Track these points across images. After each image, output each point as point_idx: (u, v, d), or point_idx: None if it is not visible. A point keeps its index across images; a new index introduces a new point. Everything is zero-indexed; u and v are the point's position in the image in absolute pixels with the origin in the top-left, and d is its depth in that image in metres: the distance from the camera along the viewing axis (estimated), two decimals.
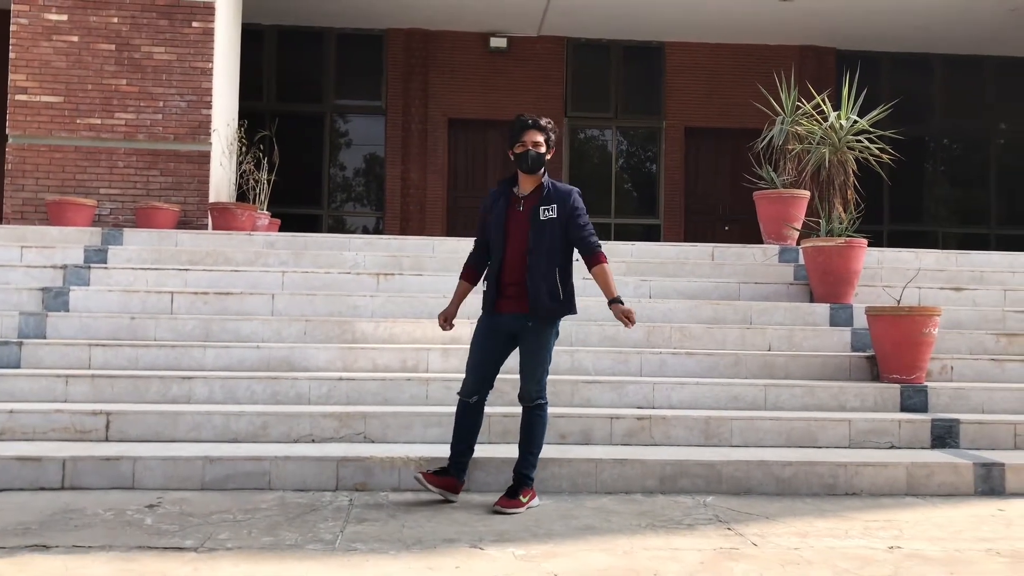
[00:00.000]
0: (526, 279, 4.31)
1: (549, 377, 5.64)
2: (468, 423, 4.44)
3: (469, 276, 4.57)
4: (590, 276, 7.21)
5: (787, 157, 8.54)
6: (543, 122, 4.42)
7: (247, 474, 4.65)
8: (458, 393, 4.47)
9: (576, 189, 4.45)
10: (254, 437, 5.09)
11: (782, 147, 8.58)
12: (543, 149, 4.38)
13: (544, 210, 4.34)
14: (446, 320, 4.56)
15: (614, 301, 4.33)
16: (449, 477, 4.40)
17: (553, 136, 4.43)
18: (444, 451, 4.66)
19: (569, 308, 4.42)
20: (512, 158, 4.43)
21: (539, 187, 4.41)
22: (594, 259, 4.37)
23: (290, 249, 7.78)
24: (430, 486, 4.37)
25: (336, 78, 14.65)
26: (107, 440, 5.01)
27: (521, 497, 4.32)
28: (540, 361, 4.37)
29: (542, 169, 4.41)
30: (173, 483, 4.60)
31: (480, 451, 4.77)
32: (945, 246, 14.81)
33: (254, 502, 4.38)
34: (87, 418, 5.05)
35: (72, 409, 5.09)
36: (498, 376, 4.53)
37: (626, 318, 4.30)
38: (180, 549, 3.61)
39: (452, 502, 4.40)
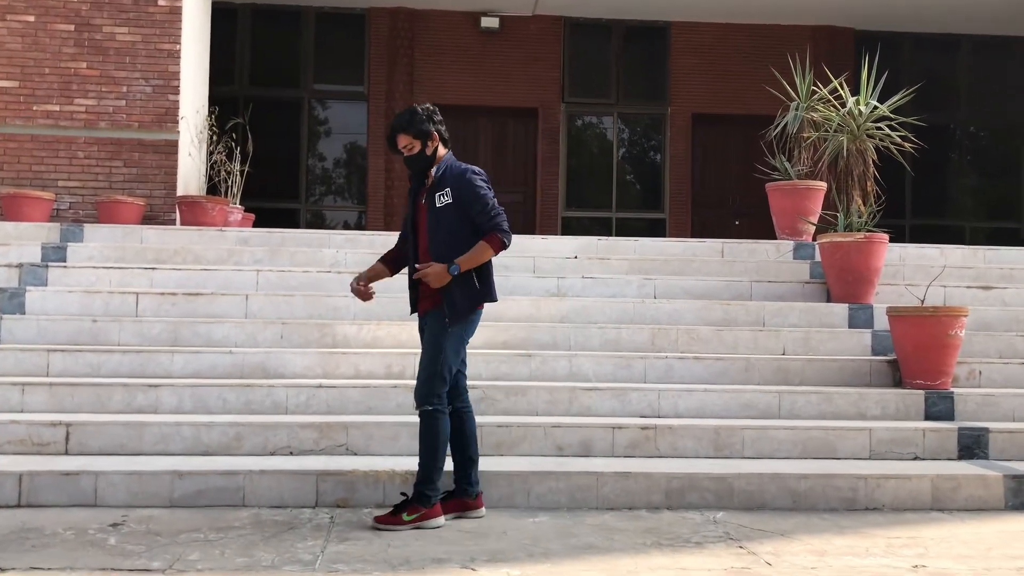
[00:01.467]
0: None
1: (545, 383, 5.69)
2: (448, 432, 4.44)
3: (385, 260, 4.63)
4: (590, 275, 7.27)
5: (802, 146, 8.55)
6: (399, 121, 4.39)
7: (219, 489, 4.64)
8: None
9: (473, 168, 4.41)
10: (227, 450, 5.07)
11: (796, 135, 8.59)
12: (417, 148, 4.38)
13: (439, 196, 4.35)
14: (358, 282, 4.55)
15: (453, 266, 4.24)
16: (456, 500, 4.43)
17: (426, 126, 4.35)
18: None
19: (474, 296, 4.32)
20: None
21: (431, 177, 4.43)
22: (484, 236, 4.28)
23: (265, 246, 7.77)
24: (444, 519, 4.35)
25: (315, 61, 14.63)
26: (67, 453, 5.00)
27: (404, 515, 4.25)
28: (433, 359, 4.31)
29: (431, 163, 4.40)
30: (139, 500, 4.59)
31: None
32: (972, 241, 14.84)
33: (227, 520, 4.36)
34: (45, 429, 5.03)
35: (29, 420, 5.07)
36: (493, 383, 4.53)
37: (435, 281, 4.25)
38: (147, 571, 3.60)
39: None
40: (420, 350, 5.77)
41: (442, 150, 4.45)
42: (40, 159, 9.48)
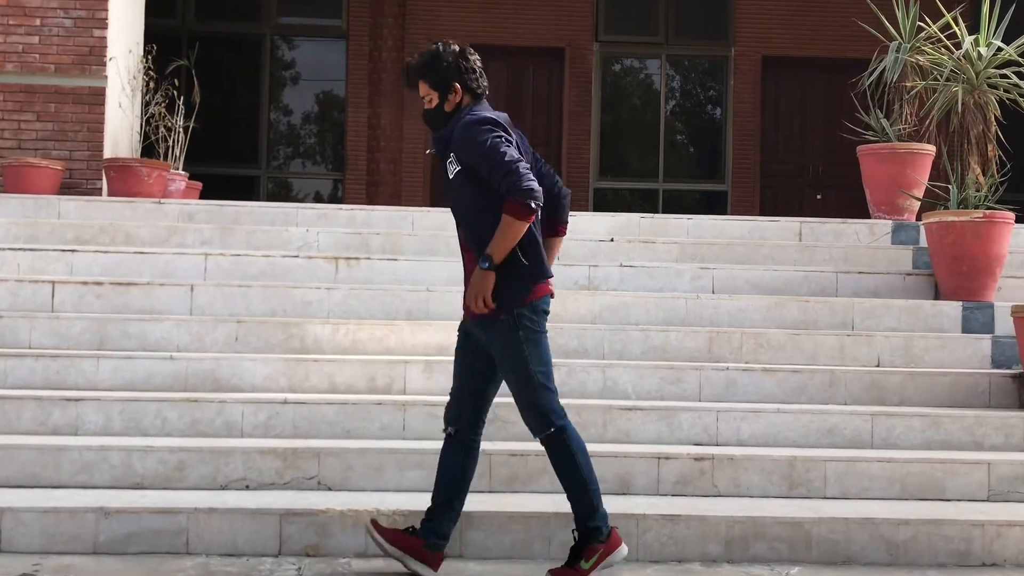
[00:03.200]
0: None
1: (572, 401, 5.69)
2: (446, 462, 4.45)
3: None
4: (630, 263, 7.28)
5: (904, 98, 8.51)
6: (416, 63, 4.39)
7: (156, 532, 4.65)
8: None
9: (476, 116, 4.29)
10: (166, 482, 5.09)
11: (897, 84, 8.55)
12: (436, 101, 4.38)
13: (449, 165, 4.34)
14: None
15: (482, 261, 4.19)
16: (413, 537, 4.39)
17: (443, 68, 4.33)
18: (428, 501, 4.66)
19: (525, 275, 4.24)
20: None
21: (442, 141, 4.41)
22: (504, 205, 4.16)
23: (215, 223, 7.79)
24: (384, 543, 4.36)
25: None
26: None
27: (583, 563, 4.28)
28: (522, 378, 4.29)
29: (448, 120, 4.37)
30: (56, 545, 4.60)
31: (477, 503, 4.78)
32: None
33: (167, 571, 4.38)
34: None
35: None
36: (505, 399, 4.52)
37: (473, 295, 4.20)
38: None
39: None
40: (412, 357, 5.77)
41: (467, 103, 4.38)
42: None
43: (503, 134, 4.25)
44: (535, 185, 4.14)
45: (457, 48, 4.42)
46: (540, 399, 4.30)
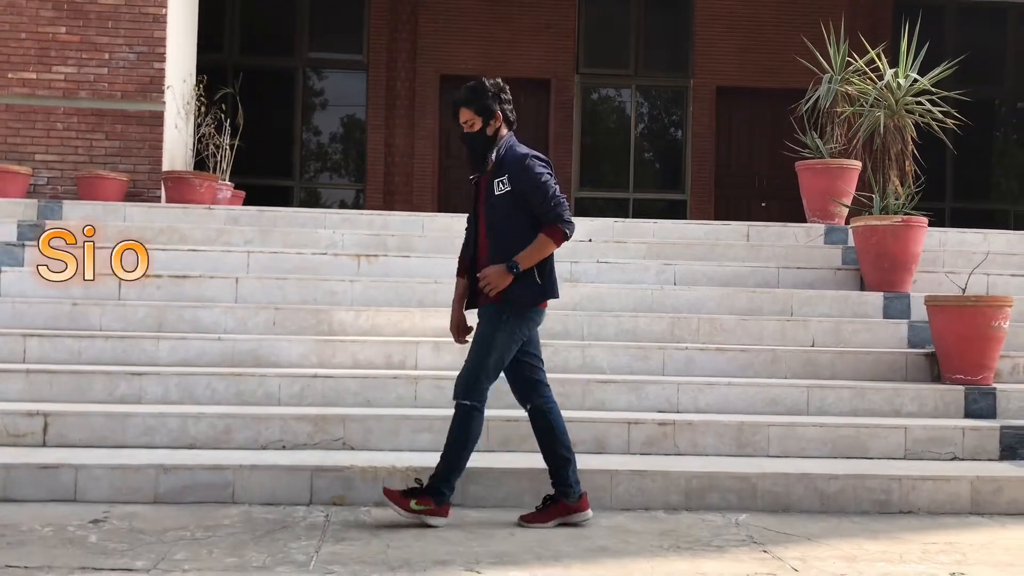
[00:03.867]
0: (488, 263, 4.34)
1: (556, 375, 5.69)
2: (542, 437, 4.45)
3: (462, 270, 4.53)
4: (606, 260, 7.27)
5: (835, 122, 8.52)
6: (462, 95, 4.39)
7: (207, 485, 4.66)
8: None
9: (534, 153, 4.37)
10: (215, 443, 5.10)
11: (830, 110, 8.56)
12: (478, 125, 4.37)
13: (498, 183, 4.32)
14: (457, 331, 4.51)
15: (512, 264, 4.22)
16: (556, 504, 4.40)
17: (488, 99, 4.35)
18: (434, 459, 4.66)
19: (536, 292, 4.29)
20: None
21: (488, 162, 4.40)
22: (544, 228, 4.27)
23: (256, 226, 7.78)
24: (533, 525, 4.37)
25: (310, 27, 14.61)
26: (45, 445, 5.03)
27: (413, 503, 4.27)
28: (481, 354, 4.28)
29: (490, 146, 4.37)
30: (121, 495, 4.61)
31: (477, 460, 4.78)
32: (1018, 226, 14.79)
33: (215, 518, 4.39)
34: (21, 420, 5.06)
35: (4, 409, 5.10)
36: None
37: (487, 282, 4.24)
38: (130, 571, 3.63)
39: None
40: (423, 339, 5.77)
41: (504, 131, 4.42)
42: (16, 131, 9.50)
43: (551, 171, 4.39)
44: (572, 219, 4.33)
45: (500, 82, 4.45)
46: (479, 376, 4.30)
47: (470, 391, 4.30)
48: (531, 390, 4.44)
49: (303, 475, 4.71)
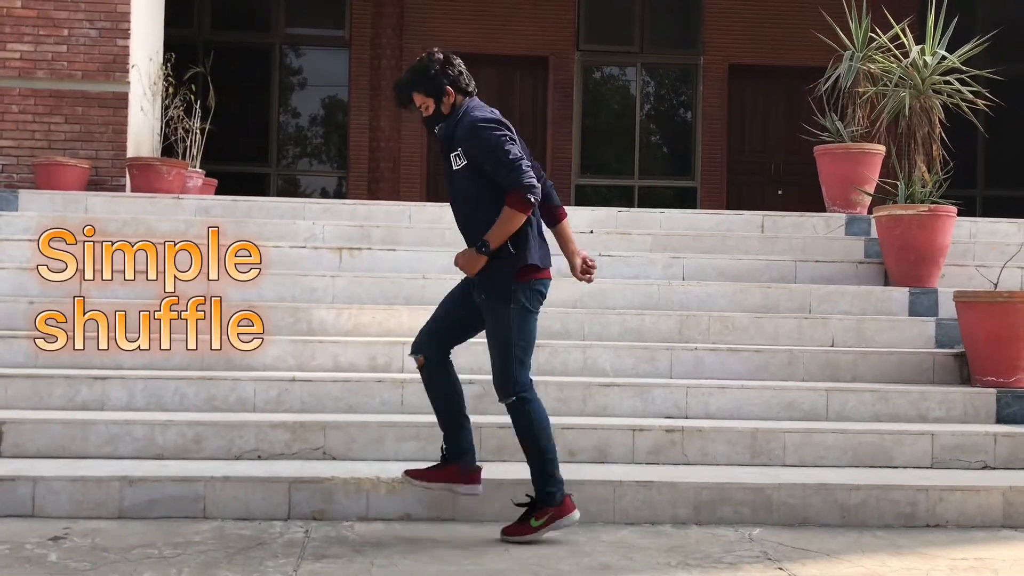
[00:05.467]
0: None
1: (555, 379, 5.71)
2: (436, 388, 4.52)
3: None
4: (608, 253, 7.27)
5: (857, 103, 8.52)
6: (405, 80, 4.41)
7: (176, 499, 4.66)
8: None
9: (485, 115, 4.34)
10: (185, 453, 5.09)
11: (850, 90, 8.55)
12: (432, 107, 4.39)
13: (454, 157, 4.35)
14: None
15: (480, 245, 4.26)
16: (448, 466, 4.46)
17: (432, 76, 4.34)
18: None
19: (512, 263, 4.29)
20: None
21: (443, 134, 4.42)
22: (507, 198, 4.24)
23: (230, 217, 7.76)
24: (420, 482, 4.44)
25: (288, 1, 14.57)
26: (1, 456, 5.01)
27: (533, 520, 4.35)
28: (500, 346, 4.35)
29: (447, 120, 4.39)
30: (83, 510, 4.61)
31: None
32: None
33: (185, 534, 4.39)
34: None
35: None
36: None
37: (459, 267, 4.35)
38: None
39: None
40: (410, 339, 5.73)
41: (462, 101, 4.41)
42: None
43: (508, 132, 4.33)
44: (535, 182, 4.25)
45: (441, 55, 4.43)
46: (510, 368, 4.35)
47: (510, 386, 4.36)
48: (439, 351, 4.49)
49: (280, 487, 4.71)
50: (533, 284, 4.38)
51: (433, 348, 4.51)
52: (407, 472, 4.52)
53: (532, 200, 4.23)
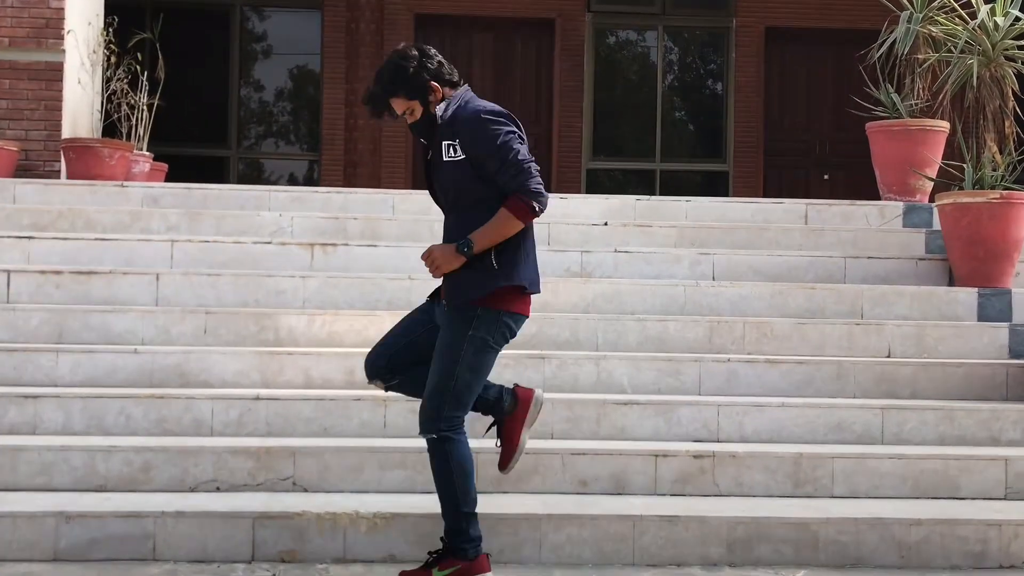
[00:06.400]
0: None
1: (563, 395, 5.71)
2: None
3: None
4: (626, 248, 7.28)
5: (916, 72, 8.53)
6: (382, 85, 4.36)
7: (121, 538, 4.65)
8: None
9: (491, 108, 4.34)
10: (131, 484, 5.09)
11: (909, 57, 8.56)
12: (419, 110, 4.36)
13: (447, 147, 4.30)
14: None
15: (462, 244, 4.24)
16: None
17: (413, 74, 4.31)
18: (410, 503, 4.69)
19: (486, 278, 4.28)
20: None
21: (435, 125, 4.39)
22: (507, 200, 4.25)
23: (183, 207, 7.78)
24: None
25: None
26: None
27: (436, 571, 4.30)
28: (442, 371, 4.30)
29: (438, 118, 4.36)
30: (12, 552, 4.60)
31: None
32: None
33: None
34: None
35: None
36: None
37: (431, 261, 4.32)
38: None
39: None
40: None
41: (451, 93, 4.40)
42: None
43: (516, 130, 4.32)
44: (543, 189, 4.28)
45: (414, 49, 4.41)
46: (442, 401, 4.30)
47: (434, 420, 4.29)
48: (394, 368, 4.50)
49: (243, 524, 4.71)
50: (503, 315, 4.32)
51: (384, 361, 4.52)
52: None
53: (538, 209, 4.25)
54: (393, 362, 4.50)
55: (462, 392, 4.30)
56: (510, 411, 4.54)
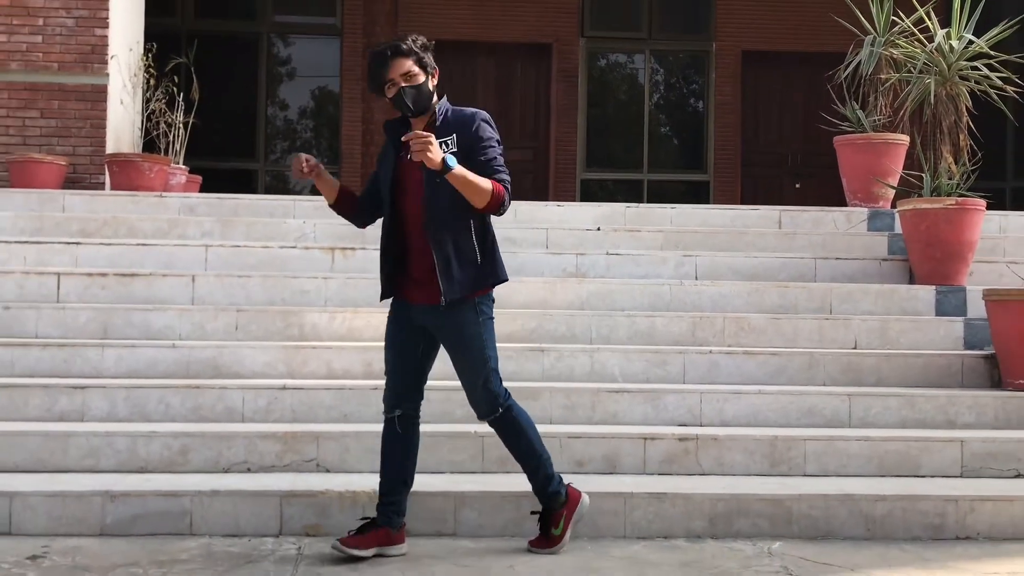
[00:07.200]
0: (429, 251, 4.25)
1: (561, 384, 5.70)
2: (395, 448, 4.42)
3: (345, 190, 4.48)
4: (616, 251, 7.27)
5: (879, 90, 8.51)
6: (406, 43, 4.26)
7: (161, 515, 4.66)
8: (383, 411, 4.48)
9: (482, 113, 4.33)
10: (170, 466, 5.09)
11: (872, 77, 8.55)
12: (421, 78, 4.24)
13: (441, 143, 4.17)
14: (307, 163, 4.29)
15: (451, 161, 4.11)
16: (379, 530, 4.36)
17: (429, 57, 4.28)
18: (420, 482, 4.68)
19: (492, 273, 4.33)
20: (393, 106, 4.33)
21: (432, 119, 4.30)
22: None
23: (215, 215, 7.78)
24: (356, 551, 4.26)
25: None
26: None
27: (553, 529, 4.39)
28: (477, 360, 4.31)
29: (431, 103, 4.28)
30: (63, 527, 4.61)
31: (470, 483, 4.79)
32: None
33: (171, 552, 4.39)
34: None
35: None
36: (514, 383, 4.53)
37: (421, 146, 4.03)
38: None
39: (402, 555, 4.39)
40: None
41: (437, 98, 4.37)
42: None
43: (497, 136, 4.36)
44: (509, 196, 4.28)
45: (423, 38, 4.36)
46: (491, 382, 4.34)
47: (495, 400, 4.34)
48: (415, 397, 4.46)
49: (271, 502, 4.71)
50: (490, 294, 4.40)
51: (410, 398, 4.44)
52: (339, 540, 4.32)
53: (504, 204, 4.25)
54: (410, 397, 4.46)
55: (496, 364, 4.37)
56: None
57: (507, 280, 4.47)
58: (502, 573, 4.20)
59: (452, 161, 4.09)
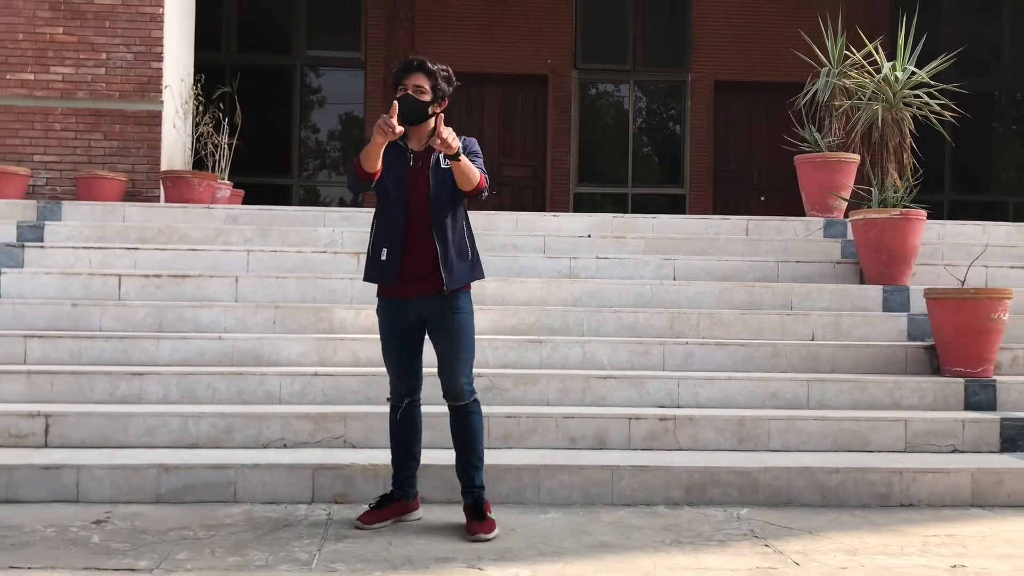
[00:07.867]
0: (432, 247, 4.20)
1: (556, 371, 5.72)
2: (404, 430, 4.42)
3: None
4: (605, 255, 7.26)
5: (833, 115, 8.52)
6: (433, 65, 4.27)
7: (209, 484, 4.67)
8: (388, 399, 4.45)
9: (472, 138, 4.38)
10: (216, 442, 5.10)
11: (827, 104, 8.55)
12: (427, 97, 4.22)
13: (444, 158, 4.18)
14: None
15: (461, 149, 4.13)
16: (395, 504, 4.37)
17: (445, 86, 4.26)
18: (435, 458, 4.69)
19: (479, 271, 4.37)
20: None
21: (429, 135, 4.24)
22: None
23: (256, 224, 7.78)
24: (377, 525, 4.27)
25: (308, 25, 14.61)
26: (46, 446, 5.03)
27: (489, 514, 4.24)
28: (466, 346, 4.27)
29: (423, 121, 4.22)
30: (123, 495, 4.62)
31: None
32: (1016, 218, 14.80)
33: (217, 517, 4.40)
34: (23, 421, 5.06)
35: (5, 411, 5.10)
36: (500, 371, 4.53)
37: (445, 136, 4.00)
38: (133, 571, 3.64)
39: (418, 519, 4.40)
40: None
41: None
42: (14, 132, 9.49)
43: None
44: (488, 186, 4.30)
45: (453, 75, 4.35)
46: (470, 369, 4.31)
47: (470, 387, 4.29)
48: (420, 383, 4.43)
49: (304, 473, 4.72)
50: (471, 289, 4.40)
51: (415, 386, 4.43)
52: (358, 519, 4.32)
53: (483, 193, 4.26)
54: (415, 388, 4.45)
55: (473, 357, 4.35)
56: (409, 500, 4.43)
57: (484, 278, 4.47)
58: (506, 535, 4.20)
59: (462, 150, 4.14)
